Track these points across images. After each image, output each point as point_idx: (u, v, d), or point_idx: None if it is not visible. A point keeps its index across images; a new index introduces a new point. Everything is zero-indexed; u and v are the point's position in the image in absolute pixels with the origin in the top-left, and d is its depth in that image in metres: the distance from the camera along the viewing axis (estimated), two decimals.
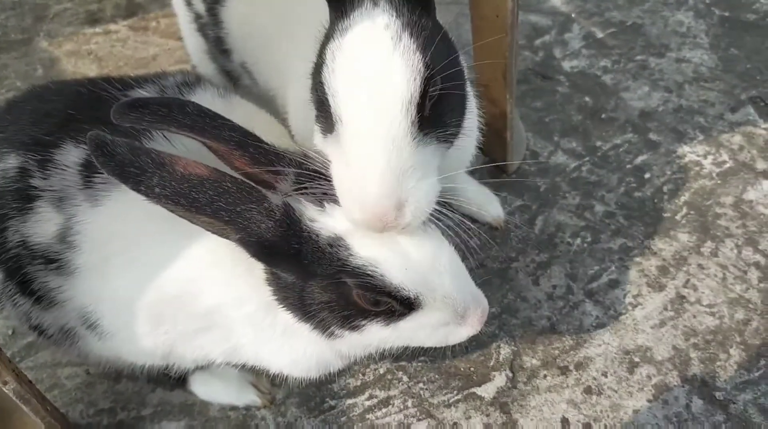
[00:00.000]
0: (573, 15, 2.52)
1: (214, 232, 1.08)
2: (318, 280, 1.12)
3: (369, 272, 1.08)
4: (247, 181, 1.08)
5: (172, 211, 1.05)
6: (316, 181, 1.13)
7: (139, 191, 1.03)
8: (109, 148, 1.03)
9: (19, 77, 2.45)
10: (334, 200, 1.11)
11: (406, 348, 1.35)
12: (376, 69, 1.04)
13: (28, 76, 2.44)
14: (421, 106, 1.04)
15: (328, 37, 1.12)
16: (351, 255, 1.09)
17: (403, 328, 1.17)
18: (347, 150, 1.07)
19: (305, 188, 1.13)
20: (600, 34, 2.44)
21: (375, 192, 1.04)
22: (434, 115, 1.08)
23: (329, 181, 1.11)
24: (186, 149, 1.20)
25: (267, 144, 1.14)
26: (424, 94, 1.04)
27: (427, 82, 1.04)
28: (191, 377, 1.59)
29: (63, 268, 1.24)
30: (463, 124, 1.18)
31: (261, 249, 1.08)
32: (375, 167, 1.04)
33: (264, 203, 1.06)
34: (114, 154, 1.03)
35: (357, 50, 1.06)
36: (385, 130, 1.04)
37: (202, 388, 1.60)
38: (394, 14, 1.07)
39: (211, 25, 1.70)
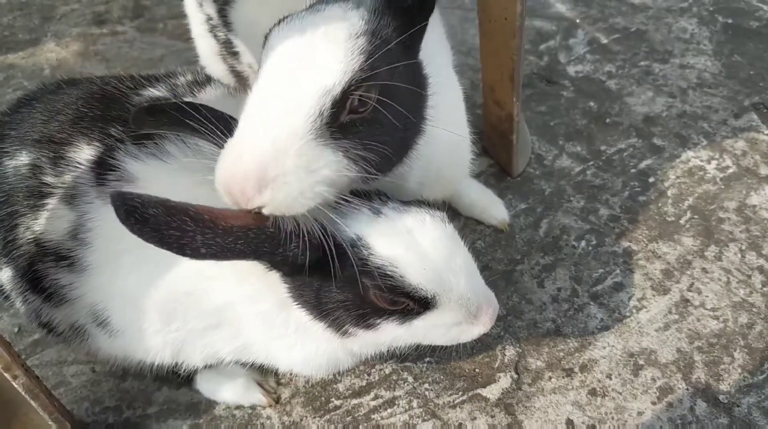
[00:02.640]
0: (577, 20, 2.54)
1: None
2: (335, 279, 1.12)
3: (389, 273, 1.09)
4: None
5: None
6: None
7: (184, 255, 0.99)
8: (141, 212, 0.96)
9: (26, 77, 2.46)
10: (352, 202, 1.12)
11: (413, 349, 1.36)
12: (318, 47, 1.03)
13: (35, 76, 2.45)
14: (338, 105, 1.01)
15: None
16: (371, 255, 1.10)
17: (418, 326, 1.18)
18: (248, 107, 1.04)
19: None
20: (604, 40, 2.46)
21: (244, 159, 0.99)
22: (352, 127, 1.04)
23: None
24: (201, 149, 1.21)
25: None
26: (345, 94, 1.01)
27: (355, 85, 1.01)
28: (197, 376, 1.59)
29: (74, 265, 1.25)
30: (384, 160, 1.11)
31: (293, 272, 1.10)
32: (258, 136, 1.00)
33: (303, 237, 1.06)
34: (147, 218, 0.96)
35: (314, 24, 1.06)
36: (289, 105, 1.01)
37: (208, 387, 1.61)
38: (368, 21, 1.06)
39: (221, 27, 1.71)
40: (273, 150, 0.99)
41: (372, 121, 1.06)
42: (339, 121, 1.03)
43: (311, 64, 1.02)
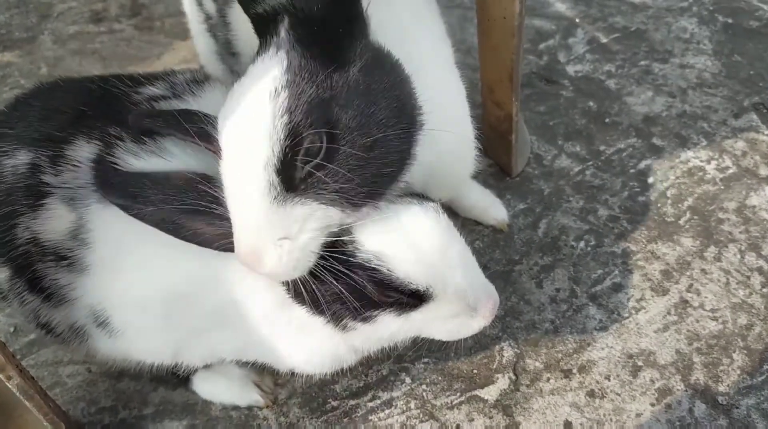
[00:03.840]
0: (577, 20, 2.53)
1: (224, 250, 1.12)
2: (329, 273, 1.12)
3: (375, 266, 1.09)
4: None
5: (170, 230, 1.11)
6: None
7: (135, 202, 1.11)
8: (112, 180, 1.12)
9: (23, 75, 2.45)
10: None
11: (409, 349, 1.35)
12: (248, 122, 1.04)
13: (32, 75, 2.44)
14: (285, 170, 1.02)
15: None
16: (357, 249, 1.10)
17: (416, 319, 1.18)
18: (225, 189, 1.10)
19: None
20: (604, 39, 2.45)
21: (240, 240, 1.07)
22: (314, 176, 1.05)
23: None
24: (192, 155, 1.22)
25: None
26: (285, 159, 1.02)
27: (290, 148, 1.01)
28: (194, 376, 1.59)
29: (74, 266, 1.24)
30: (373, 183, 1.11)
31: None
32: (239, 218, 1.07)
33: None
34: (113, 184, 1.12)
35: (242, 98, 1.06)
36: (243, 186, 1.05)
37: (205, 388, 1.60)
38: (288, 66, 1.04)
39: (220, 27, 1.70)
40: (255, 231, 1.06)
41: (335, 159, 1.05)
42: (296, 178, 1.04)
43: (246, 141, 1.04)
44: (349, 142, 1.05)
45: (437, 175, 1.38)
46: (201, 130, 1.12)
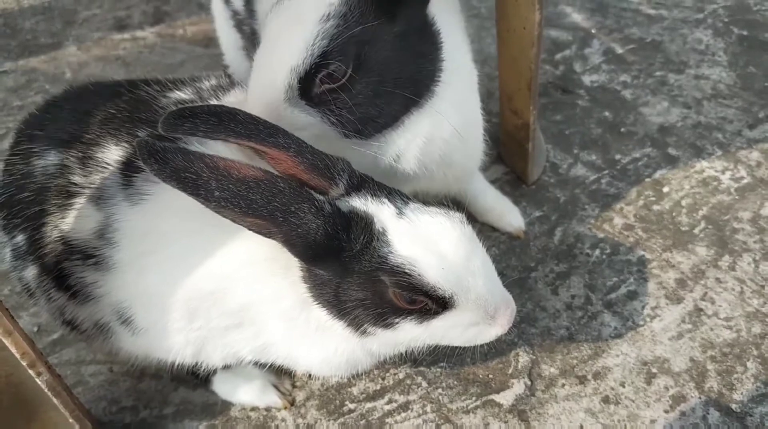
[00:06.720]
0: (593, 31, 2.55)
1: (258, 233, 1.10)
2: (354, 277, 1.14)
3: (407, 271, 1.11)
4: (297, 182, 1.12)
5: (227, 215, 1.07)
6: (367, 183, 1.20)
7: (198, 196, 1.05)
8: (162, 155, 1.04)
9: (48, 80, 2.49)
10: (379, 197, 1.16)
11: (427, 353, 1.37)
12: (294, 30, 1.20)
13: (56, 80, 2.48)
14: (306, 81, 1.20)
15: None
16: (390, 252, 1.12)
17: (436, 326, 1.20)
18: (254, 65, 1.28)
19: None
20: (620, 50, 2.47)
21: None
22: (327, 96, 1.23)
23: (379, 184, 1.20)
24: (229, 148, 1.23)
25: (320, 151, 1.16)
26: (311, 72, 1.19)
27: (315, 66, 1.19)
28: (214, 377, 1.61)
29: (100, 264, 1.27)
30: (367, 124, 1.29)
31: (306, 248, 1.10)
32: (255, 97, 1.26)
33: (314, 202, 1.09)
34: (167, 161, 1.04)
35: (299, 7, 1.22)
36: (270, 78, 1.22)
37: (224, 388, 1.62)
38: (344, 1, 1.19)
39: (247, 19, 1.74)
40: (267, 111, 1.21)
41: (347, 91, 1.23)
42: (312, 92, 1.22)
43: (283, 43, 1.21)
44: (365, 84, 1.23)
45: (438, 154, 1.42)
46: (249, 130, 1.14)
